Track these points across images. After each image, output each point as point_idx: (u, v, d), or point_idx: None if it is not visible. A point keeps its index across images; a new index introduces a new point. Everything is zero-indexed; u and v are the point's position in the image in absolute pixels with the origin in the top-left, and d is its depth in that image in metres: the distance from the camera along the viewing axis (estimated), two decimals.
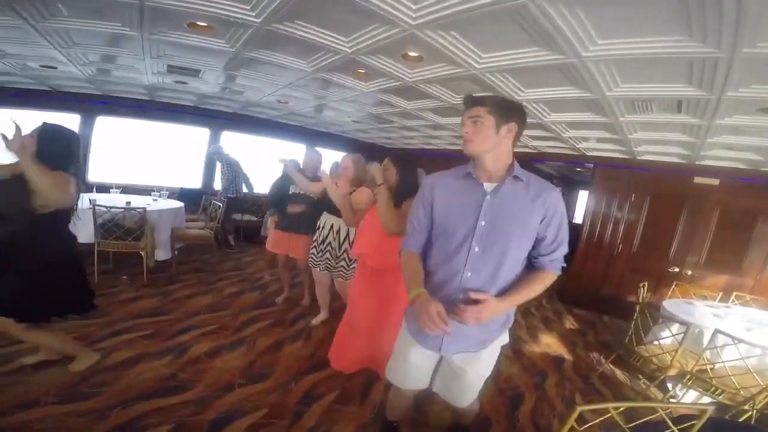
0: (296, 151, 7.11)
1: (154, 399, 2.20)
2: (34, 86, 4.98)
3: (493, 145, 1.43)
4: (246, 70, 3.53)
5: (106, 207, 3.78)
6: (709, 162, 4.42)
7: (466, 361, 1.58)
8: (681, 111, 2.79)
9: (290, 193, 3.76)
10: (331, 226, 3.19)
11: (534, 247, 1.49)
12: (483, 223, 1.44)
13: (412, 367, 1.67)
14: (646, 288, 3.83)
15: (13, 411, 1.95)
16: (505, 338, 1.64)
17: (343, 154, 3.40)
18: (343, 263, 3.13)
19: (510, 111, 1.44)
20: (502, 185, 1.45)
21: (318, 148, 4.04)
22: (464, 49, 2.35)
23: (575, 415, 1.21)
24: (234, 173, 6.03)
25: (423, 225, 1.59)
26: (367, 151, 7.60)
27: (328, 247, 3.19)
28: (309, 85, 3.78)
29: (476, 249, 1.45)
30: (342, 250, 3.13)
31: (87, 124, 5.63)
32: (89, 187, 5.31)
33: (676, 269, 4.82)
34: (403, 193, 2.29)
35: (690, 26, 1.67)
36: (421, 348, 1.61)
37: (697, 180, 4.69)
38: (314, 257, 3.29)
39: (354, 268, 3.06)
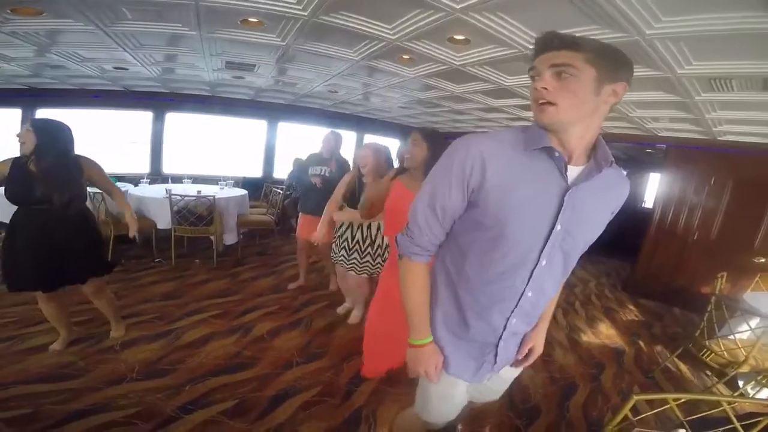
0: (347, 138, 7.25)
1: (221, 376, 2.39)
2: (110, 87, 5.51)
3: (589, 113, 0.90)
4: (297, 62, 3.64)
5: (180, 195, 4.17)
6: None
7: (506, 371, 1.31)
8: (767, 89, 2.46)
9: (309, 173, 3.61)
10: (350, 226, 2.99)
11: None
12: (559, 227, 0.96)
13: (453, 401, 1.31)
14: (724, 279, 3.48)
15: (103, 387, 2.17)
16: None
17: (394, 140, 3.30)
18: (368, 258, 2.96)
19: (620, 63, 0.89)
20: (592, 173, 0.95)
21: (368, 135, 4.03)
22: (514, 30, 2.24)
23: (630, 404, 1.17)
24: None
25: (448, 217, 1.04)
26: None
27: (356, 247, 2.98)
28: (356, 73, 3.82)
29: (543, 262, 1.00)
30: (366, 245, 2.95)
31: (158, 120, 6.21)
32: (164, 179, 5.92)
33: (762, 260, 4.30)
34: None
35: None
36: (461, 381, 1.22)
37: None
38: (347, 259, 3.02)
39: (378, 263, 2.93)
